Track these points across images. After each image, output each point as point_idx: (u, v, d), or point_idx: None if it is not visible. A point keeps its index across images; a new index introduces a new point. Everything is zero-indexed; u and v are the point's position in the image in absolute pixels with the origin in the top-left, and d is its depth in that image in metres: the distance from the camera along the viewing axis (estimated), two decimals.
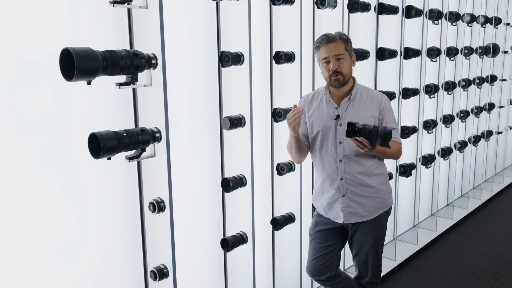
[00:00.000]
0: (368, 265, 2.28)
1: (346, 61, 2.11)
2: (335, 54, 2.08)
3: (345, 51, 2.10)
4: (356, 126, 1.96)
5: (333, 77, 2.11)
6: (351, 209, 2.19)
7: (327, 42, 2.10)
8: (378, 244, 2.27)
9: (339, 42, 2.09)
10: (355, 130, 1.96)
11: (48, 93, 1.74)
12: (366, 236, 2.23)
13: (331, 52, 2.09)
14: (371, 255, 2.26)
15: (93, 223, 1.92)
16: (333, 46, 2.09)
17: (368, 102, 2.17)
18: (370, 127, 1.94)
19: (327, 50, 2.10)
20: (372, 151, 2.02)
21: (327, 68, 2.11)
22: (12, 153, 1.66)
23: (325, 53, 2.10)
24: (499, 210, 4.90)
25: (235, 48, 2.32)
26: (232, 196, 2.46)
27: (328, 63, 2.11)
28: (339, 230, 2.31)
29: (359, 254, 2.28)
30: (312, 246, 2.36)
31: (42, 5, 1.69)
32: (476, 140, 5.06)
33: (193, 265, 2.38)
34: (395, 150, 2.15)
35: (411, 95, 3.67)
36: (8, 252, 1.68)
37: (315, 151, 2.24)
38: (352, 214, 2.19)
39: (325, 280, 2.33)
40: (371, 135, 1.94)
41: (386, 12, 3.31)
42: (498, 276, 3.41)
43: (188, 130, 2.28)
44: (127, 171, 2.02)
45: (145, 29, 1.91)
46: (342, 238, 2.34)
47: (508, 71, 5.80)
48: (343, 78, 2.11)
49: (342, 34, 2.12)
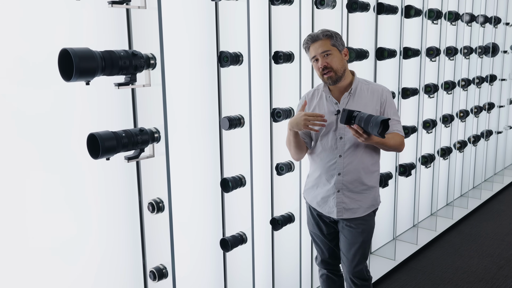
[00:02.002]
0: (355, 261, 2.29)
1: (335, 56, 2.10)
2: (321, 52, 2.09)
3: (331, 46, 2.10)
4: (352, 113, 1.97)
5: (324, 74, 2.11)
6: (344, 205, 2.20)
7: (312, 41, 2.11)
8: (367, 245, 2.29)
9: (323, 40, 2.10)
10: (350, 117, 1.97)
11: (46, 94, 1.74)
12: (357, 236, 2.24)
13: (317, 51, 2.10)
14: (360, 253, 2.27)
15: (92, 224, 1.92)
16: (318, 44, 2.10)
17: (368, 96, 2.17)
18: (364, 115, 1.94)
19: (313, 49, 2.11)
20: (369, 141, 2.01)
21: (317, 67, 2.12)
22: (11, 153, 1.66)
23: (313, 52, 2.12)
24: (499, 210, 4.90)
25: (234, 48, 2.31)
26: (231, 196, 2.46)
27: (317, 61, 2.12)
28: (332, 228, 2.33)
29: (349, 252, 2.28)
30: (317, 241, 2.39)
31: (41, 5, 1.69)
32: (476, 139, 5.06)
33: (192, 266, 2.38)
34: (396, 142, 2.14)
35: (410, 95, 3.67)
36: (7, 252, 1.68)
37: (315, 146, 2.24)
38: (345, 210, 2.20)
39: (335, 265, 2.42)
40: (364, 123, 1.93)
41: (386, 12, 3.31)
42: (498, 275, 3.41)
43: (187, 130, 2.28)
44: (126, 172, 2.02)
45: (144, 29, 1.91)
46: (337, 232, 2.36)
47: (507, 70, 5.80)
48: (335, 74, 2.11)
49: (326, 31, 2.12)
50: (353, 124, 1.97)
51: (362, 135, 1.97)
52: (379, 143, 2.08)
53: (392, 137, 2.12)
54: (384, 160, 3.12)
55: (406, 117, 3.83)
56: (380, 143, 2.08)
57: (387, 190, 3.62)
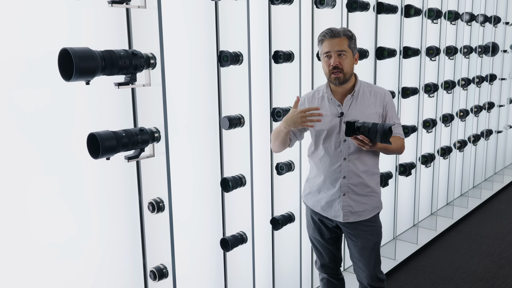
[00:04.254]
0: (372, 264, 2.28)
1: (348, 58, 2.07)
2: (337, 50, 2.05)
3: (348, 48, 2.06)
4: (355, 124, 1.95)
5: (333, 74, 2.07)
6: (350, 208, 2.18)
7: (331, 36, 2.06)
8: (379, 246, 2.28)
9: (343, 38, 2.05)
10: (354, 128, 1.96)
11: (46, 93, 1.73)
12: (368, 238, 2.23)
13: (333, 47, 2.05)
14: (374, 255, 2.26)
15: (92, 223, 1.92)
16: (336, 41, 2.05)
17: (371, 99, 2.16)
18: (369, 125, 1.94)
19: (330, 44, 2.06)
20: (374, 148, 2.02)
21: (328, 63, 2.07)
22: (11, 153, 1.66)
23: (328, 48, 2.06)
24: (499, 209, 4.90)
25: (234, 47, 2.31)
26: (231, 196, 2.46)
27: (329, 57, 2.07)
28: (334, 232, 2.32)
29: (363, 257, 2.26)
30: (317, 246, 2.38)
31: (41, 5, 1.69)
32: (476, 139, 5.06)
33: (192, 265, 2.38)
34: (398, 145, 2.14)
35: (410, 94, 3.67)
36: (8, 252, 1.68)
37: (318, 149, 2.21)
38: (351, 213, 2.18)
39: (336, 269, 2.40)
40: (370, 132, 1.93)
41: (385, 11, 3.31)
42: (498, 275, 3.41)
43: (187, 130, 2.28)
44: (126, 171, 2.02)
45: (144, 29, 1.91)
46: (338, 236, 2.35)
47: (507, 70, 5.80)
48: (343, 76, 2.08)
49: (347, 30, 2.09)
50: (358, 135, 1.96)
51: (367, 144, 1.97)
52: (382, 148, 2.08)
53: (394, 141, 2.11)
54: (384, 160, 3.11)
55: (406, 117, 3.83)
56: (383, 148, 2.08)
57: (387, 189, 3.62)
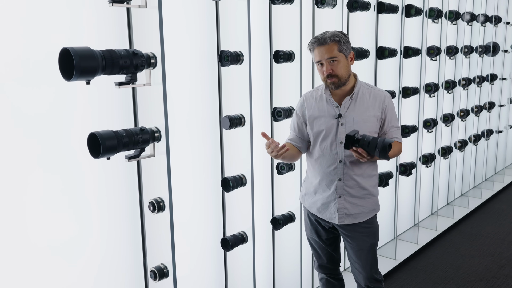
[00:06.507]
0: (368, 265, 2.27)
1: (340, 63, 2.04)
2: (327, 58, 2.02)
3: (338, 52, 2.03)
4: (355, 137, 1.94)
5: (328, 80, 2.06)
6: (346, 211, 2.17)
7: (319, 45, 2.03)
8: (376, 247, 2.28)
9: (331, 45, 2.01)
10: (353, 141, 1.95)
11: (47, 93, 1.73)
12: (364, 240, 2.23)
13: (323, 56, 2.03)
14: (370, 257, 2.26)
15: (93, 223, 1.92)
16: (325, 49, 2.02)
17: (370, 102, 2.14)
18: (369, 138, 1.93)
19: (319, 53, 2.04)
20: (371, 160, 2.04)
21: (322, 71, 2.07)
22: (12, 152, 1.66)
23: (318, 57, 2.05)
24: (500, 209, 4.90)
25: (234, 47, 2.31)
26: (232, 196, 2.46)
27: (322, 65, 2.06)
28: (331, 233, 2.31)
29: (360, 258, 2.27)
30: (315, 246, 2.37)
31: (41, 5, 1.69)
32: (477, 139, 5.06)
33: (193, 265, 2.38)
34: (395, 151, 2.13)
35: (411, 94, 3.67)
36: (7, 252, 1.68)
37: (315, 150, 2.20)
38: (346, 216, 2.18)
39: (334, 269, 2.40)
40: (369, 146, 1.93)
41: (386, 11, 3.31)
42: (498, 275, 3.41)
43: (188, 130, 2.27)
44: (127, 171, 2.02)
45: (145, 28, 1.91)
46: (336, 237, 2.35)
47: (508, 70, 5.80)
48: (338, 80, 2.06)
49: (334, 36, 2.03)
50: (357, 147, 1.96)
51: (365, 156, 1.97)
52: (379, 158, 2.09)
53: (392, 147, 2.11)
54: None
55: (407, 117, 3.83)
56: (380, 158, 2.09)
57: (387, 189, 3.62)
